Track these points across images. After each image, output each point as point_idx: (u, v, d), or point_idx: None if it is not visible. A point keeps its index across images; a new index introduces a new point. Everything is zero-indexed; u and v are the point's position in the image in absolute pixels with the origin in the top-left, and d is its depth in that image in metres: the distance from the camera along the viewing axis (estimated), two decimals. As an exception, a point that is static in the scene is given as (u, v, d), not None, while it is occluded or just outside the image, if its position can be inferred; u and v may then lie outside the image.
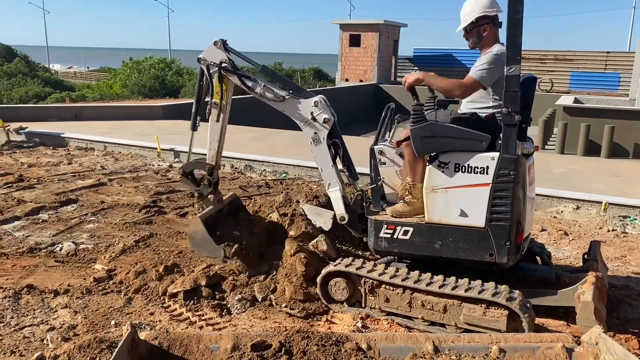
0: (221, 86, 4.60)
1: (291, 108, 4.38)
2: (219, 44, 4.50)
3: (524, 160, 3.63)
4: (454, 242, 3.74)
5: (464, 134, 3.67)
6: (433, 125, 3.75)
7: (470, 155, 3.61)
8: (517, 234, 3.65)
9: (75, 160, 9.45)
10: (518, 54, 3.40)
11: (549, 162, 9.58)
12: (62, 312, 3.91)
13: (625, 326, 3.85)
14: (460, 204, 3.68)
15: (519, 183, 3.56)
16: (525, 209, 3.73)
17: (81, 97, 25.77)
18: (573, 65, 26.76)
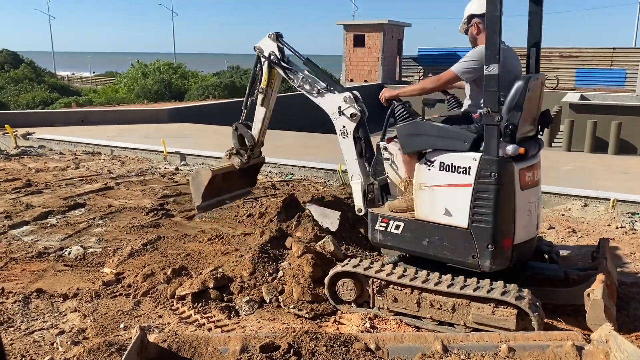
0: (269, 74, 5.01)
1: (324, 101, 4.65)
2: (272, 37, 4.88)
3: (511, 162, 3.47)
4: (440, 240, 3.75)
5: (446, 132, 3.69)
6: (417, 124, 3.85)
7: (454, 155, 3.62)
8: (502, 239, 3.52)
9: (82, 165, 9.50)
10: (496, 53, 3.35)
11: (556, 160, 9.54)
12: (72, 316, 3.93)
13: (635, 324, 3.82)
14: (445, 202, 3.68)
15: (502, 185, 3.46)
16: (517, 213, 3.55)
17: (88, 102, 25.91)
18: (579, 62, 26.63)
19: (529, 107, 3.61)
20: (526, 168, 3.60)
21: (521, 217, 3.59)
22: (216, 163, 9.49)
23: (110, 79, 46.44)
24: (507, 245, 3.55)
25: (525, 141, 3.65)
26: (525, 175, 3.58)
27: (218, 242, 5.31)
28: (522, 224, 3.61)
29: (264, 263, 4.41)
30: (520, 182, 3.54)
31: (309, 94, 4.72)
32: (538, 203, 3.81)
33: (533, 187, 3.70)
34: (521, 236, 3.63)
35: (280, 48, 4.90)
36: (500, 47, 3.36)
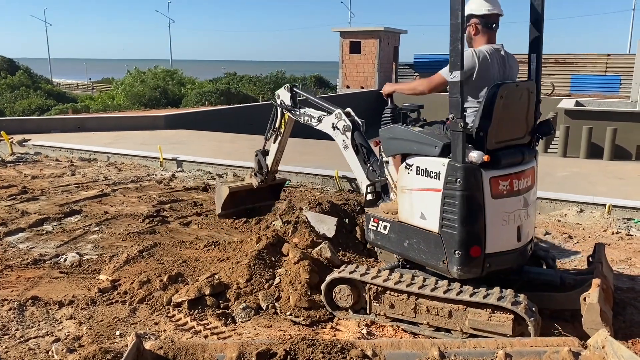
0: (282, 118, 5.86)
1: (323, 126, 5.14)
2: (287, 88, 5.72)
3: (477, 169, 3.42)
4: (417, 243, 3.79)
5: (419, 137, 3.75)
6: (395, 128, 4.01)
7: (427, 160, 3.66)
8: (470, 246, 3.48)
9: (78, 172, 9.48)
10: (459, 60, 3.36)
11: (552, 166, 9.57)
12: (67, 323, 3.91)
13: (631, 329, 3.82)
14: (420, 206, 3.72)
15: (466, 192, 3.43)
16: (488, 222, 3.49)
17: (85, 108, 25.89)
18: (574, 69, 26.77)
19: (508, 114, 3.54)
20: (501, 176, 3.51)
21: (494, 227, 3.51)
22: (212, 169, 9.52)
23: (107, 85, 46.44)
24: (476, 253, 3.49)
25: (508, 149, 3.58)
26: (498, 183, 3.50)
27: (214, 249, 5.30)
28: (495, 233, 3.53)
29: (260, 269, 4.40)
30: (491, 191, 3.47)
31: (314, 125, 5.26)
32: (523, 213, 3.65)
33: (511, 196, 3.57)
34: (496, 246, 3.55)
35: (292, 96, 5.66)
36: (462, 54, 3.37)
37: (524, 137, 3.75)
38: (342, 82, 28.83)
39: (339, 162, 9.14)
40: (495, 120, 3.46)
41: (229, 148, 11.09)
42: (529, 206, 3.72)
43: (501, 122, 3.51)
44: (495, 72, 3.66)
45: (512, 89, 3.58)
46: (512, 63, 3.81)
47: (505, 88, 3.49)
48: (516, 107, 3.64)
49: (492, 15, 3.74)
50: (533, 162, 3.79)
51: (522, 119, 3.71)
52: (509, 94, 3.52)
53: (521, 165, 3.65)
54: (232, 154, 10.47)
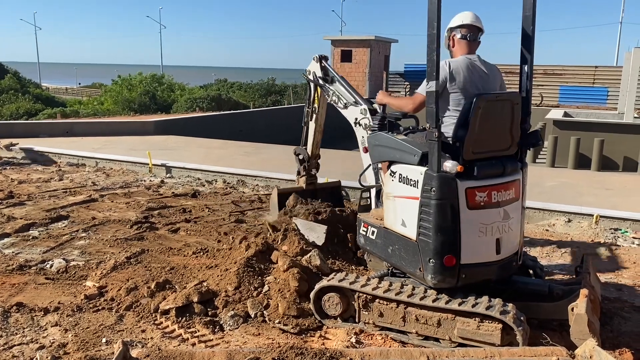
0: (315, 92, 5.57)
1: (347, 112, 5.09)
2: (316, 58, 5.42)
3: (452, 179, 3.43)
4: (398, 249, 3.83)
5: (401, 145, 3.82)
6: (380, 135, 4.12)
7: (408, 167, 3.72)
8: (443, 255, 3.49)
9: (66, 177, 9.40)
10: (434, 70, 3.42)
11: (540, 176, 9.64)
12: (52, 330, 3.86)
13: (618, 339, 3.84)
14: (402, 213, 3.77)
15: (440, 201, 3.46)
16: (464, 232, 3.48)
17: (74, 113, 25.72)
18: (562, 80, 27.07)
19: (487, 126, 3.54)
20: (478, 187, 3.49)
21: (470, 238, 3.50)
22: (202, 176, 9.49)
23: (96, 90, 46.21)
24: (450, 263, 3.50)
25: (488, 160, 3.57)
26: (475, 194, 3.48)
27: (203, 256, 5.27)
28: (472, 244, 3.52)
29: (249, 277, 4.38)
30: (467, 201, 3.47)
31: (337, 106, 5.17)
32: (503, 226, 3.61)
33: (489, 208, 3.54)
34: (472, 257, 3.54)
35: (322, 67, 5.40)
36: (437, 64, 3.42)
37: (508, 149, 3.72)
38: (333, 90, 28.88)
39: (329, 169, 9.15)
40: (472, 131, 3.47)
41: (219, 154, 11.06)
42: (510, 219, 3.66)
43: (479, 133, 3.50)
44: (472, 83, 3.69)
45: (491, 100, 3.59)
46: (492, 73, 3.85)
47: (483, 99, 3.50)
48: (497, 118, 3.62)
49: (467, 27, 3.85)
50: (518, 174, 3.74)
51: (505, 130, 3.68)
52: (488, 105, 3.52)
53: (502, 177, 3.60)
54: (222, 160, 10.45)
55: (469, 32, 3.85)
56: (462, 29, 3.87)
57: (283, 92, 36.74)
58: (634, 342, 3.79)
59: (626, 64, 19.12)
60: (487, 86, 3.77)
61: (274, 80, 39.80)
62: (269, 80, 39.39)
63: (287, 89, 37.14)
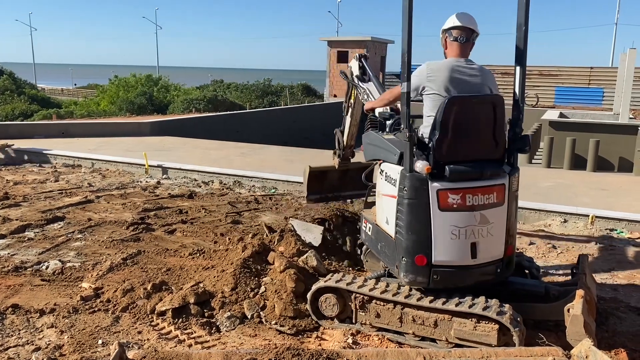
0: (351, 90, 5.68)
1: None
2: (356, 57, 5.50)
3: (423, 179, 3.44)
4: (384, 246, 3.90)
5: (384, 144, 3.90)
6: (370, 134, 4.27)
7: (390, 166, 3.79)
8: (414, 255, 3.50)
9: (62, 178, 9.37)
10: (406, 72, 3.46)
11: (536, 176, 9.67)
12: (48, 332, 3.85)
13: (614, 339, 3.85)
14: (386, 211, 3.83)
15: (411, 200, 3.48)
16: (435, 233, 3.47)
17: (69, 114, 25.66)
18: (558, 81, 27.19)
19: (463, 128, 3.50)
20: (451, 190, 3.45)
21: (441, 239, 3.48)
22: (198, 177, 9.48)
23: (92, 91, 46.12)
24: (421, 262, 3.51)
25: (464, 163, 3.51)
26: (447, 196, 3.45)
27: (199, 257, 5.26)
28: (443, 246, 3.49)
29: (245, 278, 4.37)
30: (439, 203, 3.45)
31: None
32: (480, 230, 3.52)
33: (463, 211, 3.48)
34: (444, 259, 3.51)
35: (360, 66, 5.41)
36: (409, 66, 3.45)
37: (491, 152, 3.65)
38: (329, 91, 28.94)
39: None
40: (444, 132, 3.47)
41: (215, 155, 11.04)
42: (489, 224, 3.55)
43: (454, 135, 3.48)
44: (453, 86, 3.67)
45: (468, 102, 3.55)
46: (481, 76, 3.79)
47: (457, 101, 3.48)
48: (476, 121, 3.57)
49: (459, 29, 3.81)
50: (502, 179, 3.60)
51: (486, 133, 3.61)
52: (463, 107, 3.50)
53: (480, 181, 3.52)
54: (218, 161, 10.44)
55: (461, 34, 3.82)
56: (454, 30, 3.83)
57: (279, 93, 36.76)
58: (629, 342, 3.80)
59: (621, 65, 19.20)
60: (472, 89, 3.72)
61: (270, 81, 39.81)
62: (265, 81, 39.41)
63: (283, 90, 37.15)
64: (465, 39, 3.83)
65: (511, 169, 3.70)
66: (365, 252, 4.97)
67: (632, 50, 17.52)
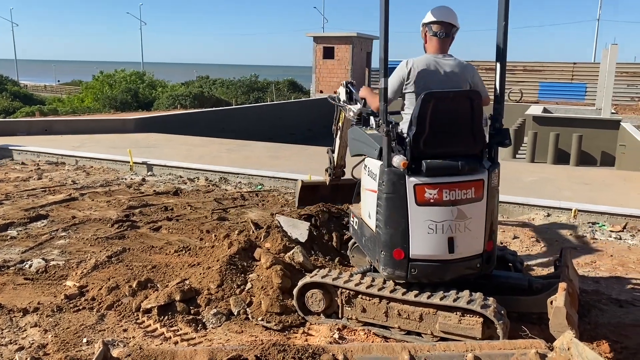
0: (339, 114, 5.87)
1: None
2: (343, 84, 5.57)
3: (399, 173, 3.47)
4: (367, 240, 3.97)
5: (366, 139, 3.97)
6: (354, 129, 4.35)
7: (372, 161, 3.85)
8: (392, 248, 3.56)
9: (45, 175, 9.26)
10: (382, 68, 3.50)
11: (520, 171, 9.76)
12: (32, 331, 3.81)
13: (596, 330, 3.92)
14: (368, 205, 3.89)
15: (389, 194, 3.53)
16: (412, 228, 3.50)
17: (53, 111, 25.34)
18: (541, 76, 27.42)
19: (440, 123, 3.51)
20: (428, 184, 3.47)
21: (418, 233, 3.52)
22: (184, 173, 9.43)
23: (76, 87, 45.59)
24: (399, 256, 3.55)
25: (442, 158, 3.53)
26: (424, 191, 3.47)
27: (185, 254, 5.24)
28: (420, 240, 3.53)
29: (231, 275, 4.36)
30: (416, 197, 3.48)
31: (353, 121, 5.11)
32: (458, 225, 3.53)
33: (440, 206, 3.50)
34: (422, 253, 3.54)
35: (348, 92, 5.44)
36: (385, 62, 3.48)
37: (469, 147, 3.64)
38: (315, 87, 28.91)
39: (312, 166, 9.15)
40: (421, 128, 3.49)
41: (200, 152, 10.99)
42: (467, 219, 3.55)
43: (431, 129, 3.50)
44: (431, 81, 3.70)
45: (444, 97, 3.56)
46: (460, 72, 3.81)
47: (433, 96, 3.49)
48: (452, 116, 3.57)
49: (438, 24, 3.83)
50: (481, 174, 3.60)
51: (464, 128, 3.61)
52: (439, 102, 3.51)
53: (458, 176, 3.51)
54: (204, 158, 10.39)
55: (440, 29, 3.83)
56: (434, 25, 3.84)
57: (265, 89, 36.64)
58: (611, 333, 3.87)
59: (603, 60, 19.43)
60: (450, 85, 3.74)
61: (256, 77, 39.66)
62: (252, 77, 39.24)
63: (269, 86, 37.03)
64: (445, 34, 3.85)
65: (491, 164, 3.70)
66: (351, 248, 5.00)
67: (614, 46, 17.74)
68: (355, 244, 4.89)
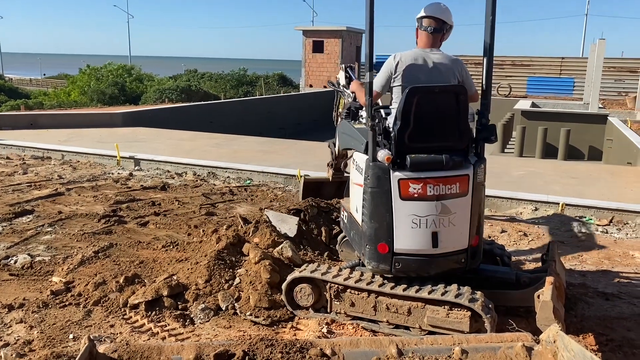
0: (339, 99, 5.71)
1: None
2: (342, 68, 5.51)
3: (384, 168, 3.49)
4: (355, 234, 3.98)
5: (354, 133, 3.99)
6: (343, 123, 4.36)
7: (359, 155, 3.86)
8: (376, 242, 3.58)
9: (30, 170, 9.16)
10: (368, 62, 3.52)
11: (508, 165, 9.81)
12: (17, 327, 3.77)
13: (582, 323, 3.95)
14: (356, 199, 3.90)
15: (374, 189, 3.54)
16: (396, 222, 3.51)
17: (38, 105, 25.05)
18: (530, 71, 27.57)
19: (424, 118, 3.50)
20: (412, 179, 3.47)
21: (402, 228, 3.53)
22: (172, 168, 9.37)
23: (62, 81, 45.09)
24: (383, 250, 3.58)
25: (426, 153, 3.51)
26: (408, 185, 3.48)
27: (173, 249, 5.21)
28: (404, 234, 3.54)
29: (220, 270, 4.34)
30: (400, 192, 3.49)
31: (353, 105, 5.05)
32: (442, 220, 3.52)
33: (423, 200, 3.49)
34: (405, 247, 3.55)
35: (347, 76, 5.40)
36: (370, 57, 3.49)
37: (454, 142, 3.62)
38: (305, 81, 28.84)
39: (302, 161, 9.13)
40: (406, 122, 3.48)
41: (188, 146, 10.91)
42: (451, 214, 3.53)
43: (415, 124, 3.50)
44: (417, 76, 3.72)
45: (429, 92, 3.55)
46: (448, 67, 3.81)
47: (418, 91, 3.48)
48: (437, 111, 3.56)
49: (429, 19, 3.85)
50: (466, 169, 3.58)
51: (449, 123, 3.59)
52: (424, 97, 3.50)
53: (443, 171, 3.50)
54: (192, 152, 10.32)
55: (430, 24, 3.86)
56: (424, 20, 3.87)
57: (254, 83, 36.47)
58: (596, 326, 3.91)
59: (591, 55, 19.58)
60: (437, 79, 3.74)
61: (245, 70, 39.45)
62: (240, 70, 39.03)
63: (258, 80, 36.86)
64: (434, 29, 3.86)
65: (477, 160, 3.68)
66: (340, 242, 5.00)
67: (602, 41, 17.87)
68: (344, 238, 4.89)
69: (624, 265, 5.27)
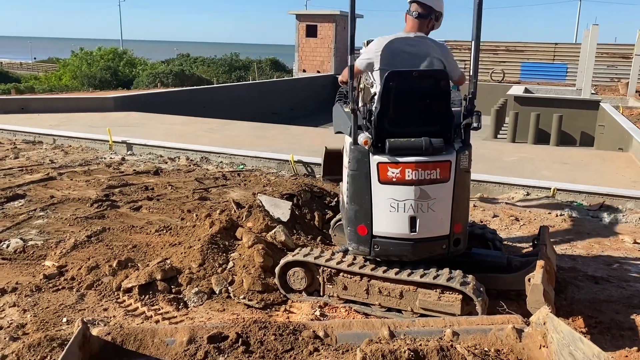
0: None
1: None
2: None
3: (363, 151, 3.51)
4: (343, 216, 4.07)
5: (343, 117, 3.98)
6: (336, 107, 4.34)
7: (347, 138, 3.88)
8: (356, 224, 3.64)
9: (22, 154, 9.09)
10: (350, 45, 3.52)
11: (501, 151, 9.84)
12: (10, 311, 3.77)
13: (572, 306, 4.00)
14: (344, 182, 3.93)
15: (354, 172, 3.59)
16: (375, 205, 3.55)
17: (29, 89, 24.80)
18: (523, 56, 27.53)
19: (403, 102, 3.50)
20: (390, 163, 3.48)
21: (380, 211, 3.56)
22: (164, 153, 9.33)
23: (53, 65, 44.62)
24: (362, 232, 3.64)
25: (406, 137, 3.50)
26: (386, 169, 3.49)
27: (166, 234, 5.21)
28: (382, 217, 3.57)
29: (213, 254, 4.36)
30: (379, 175, 3.51)
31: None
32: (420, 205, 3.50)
33: (402, 185, 3.49)
34: (383, 230, 3.59)
35: None
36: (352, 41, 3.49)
37: (436, 127, 3.58)
38: (298, 66, 28.65)
39: (295, 146, 9.12)
40: (385, 106, 3.49)
41: (181, 131, 10.86)
42: (431, 199, 3.52)
43: (394, 109, 3.50)
44: (399, 60, 3.73)
45: (408, 76, 3.52)
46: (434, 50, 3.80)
47: (396, 75, 3.47)
48: (417, 95, 3.53)
49: (417, 4, 3.88)
50: (448, 155, 3.54)
51: (429, 108, 3.57)
52: (403, 81, 3.49)
53: (422, 157, 3.47)
54: (184, 137, 10.28)
55: (417, 9, 3.88)
56: (412, 4, 3.91)
57: (247, 68, 36.26)
58: (586, 309, 3.96)
59: (584, 41, 19.57)
60: (418, 63, 3.74)
61: (237, 55, 39.18)
62: (233, 55, 38.75)
63: (251, 65, 36.63)
64: (419, 14, 3.87)
65: (461, 146, 3.64)
66: (333, 226, 5.02)
67: (595, 27, 17.84)
68: (337, 222, 4.92)
69: (614, 250, 5.33)
